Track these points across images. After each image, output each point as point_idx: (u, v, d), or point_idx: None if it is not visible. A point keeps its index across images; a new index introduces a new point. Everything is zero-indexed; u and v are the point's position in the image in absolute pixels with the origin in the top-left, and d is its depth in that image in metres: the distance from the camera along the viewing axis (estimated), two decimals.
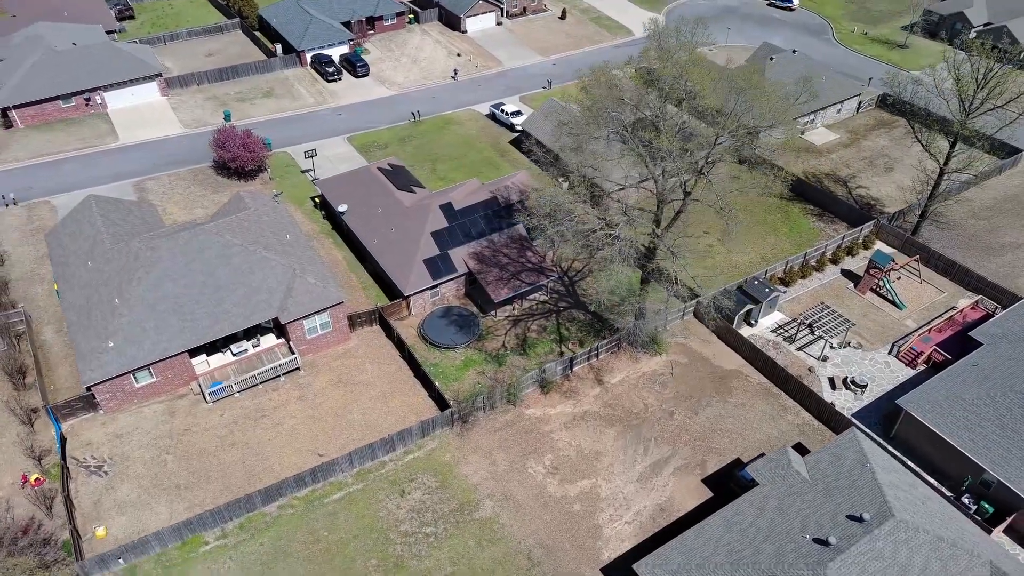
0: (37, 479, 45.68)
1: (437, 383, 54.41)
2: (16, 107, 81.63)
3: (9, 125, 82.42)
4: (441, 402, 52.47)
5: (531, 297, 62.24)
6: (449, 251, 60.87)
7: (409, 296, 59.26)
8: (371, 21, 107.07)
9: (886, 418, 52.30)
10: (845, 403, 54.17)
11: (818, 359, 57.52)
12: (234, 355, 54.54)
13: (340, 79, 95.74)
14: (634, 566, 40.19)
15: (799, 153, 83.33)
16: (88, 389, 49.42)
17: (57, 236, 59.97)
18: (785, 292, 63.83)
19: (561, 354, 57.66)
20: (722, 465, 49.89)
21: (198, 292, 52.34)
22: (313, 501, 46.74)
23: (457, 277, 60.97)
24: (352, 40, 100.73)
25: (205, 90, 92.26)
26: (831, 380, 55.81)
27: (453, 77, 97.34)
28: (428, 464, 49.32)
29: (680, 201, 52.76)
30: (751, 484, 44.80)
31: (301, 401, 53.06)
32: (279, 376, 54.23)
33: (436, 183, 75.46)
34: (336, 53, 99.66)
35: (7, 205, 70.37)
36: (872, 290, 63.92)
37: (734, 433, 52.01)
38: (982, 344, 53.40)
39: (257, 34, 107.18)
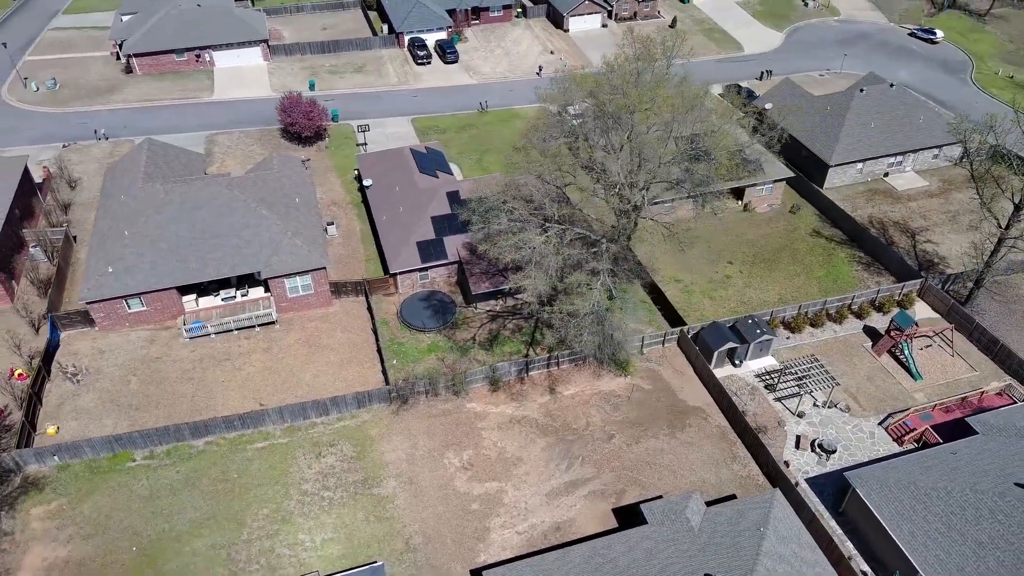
0: (20, 374, 52.20)
1: (395, 361, 56.12)
2: (137, 55, 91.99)
3: (129, 71, 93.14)
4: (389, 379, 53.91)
5: (517, 296, 61.97)
6: (445, 237, 61.93)
7: (395, 274, 61.09)
8: (477, 11, 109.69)
9: (840, 491, 47.41)
10: (804, 465, 49.68)
11: (794, 413, 53.05)
12: (222, 300, 58.94)
13: (429, 63, 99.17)
14: (484, 572, 39.70)
15: (872, 196, 76.32)
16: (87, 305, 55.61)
17: (113, 171, 67.41)
18: (788, 338, 59.26)
19: (526, 356, 57.14)
20: (641, 499, 47.45)
21: (196, 237, 57.05)
22: (238, 444, 49.86)
23: (447, 264, 61.95)
24: (450, 27, 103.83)
25: (305, 60, 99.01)
26: (798, 438, 51.31)
27: (538, 73, 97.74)
28: (354, 434, 50.96)
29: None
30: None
31: (265, 353, 56.49)
32: (254, 326, 57.99)
33: (476, 173, 76.57)
34: (433, 38, 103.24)
35: (98, 139, 79.81)
36: (890, 353, 57.79)
37: (668, 470, 49.31)
38: (977, 433, 47.03)
39: (372, 13, 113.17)
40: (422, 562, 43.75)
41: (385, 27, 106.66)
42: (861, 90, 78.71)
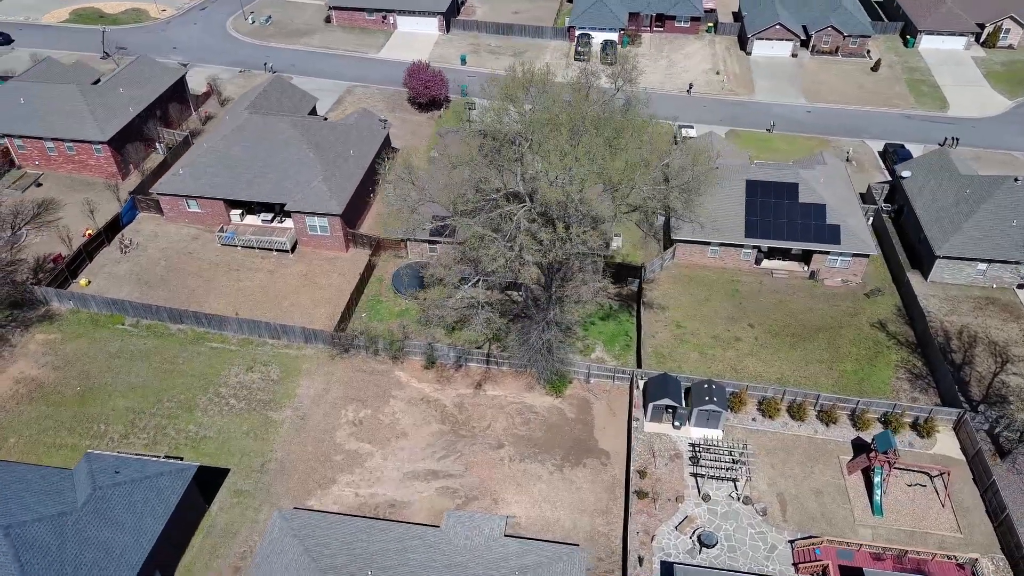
0: (89, 232, 64.91)
1: (364, 315, 60.23)
2: (336, 8, 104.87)
3: (328, 20, 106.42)
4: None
5: (509, 292, 62.30)
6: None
7: (405, 240, 64.74)
8: (662, 18, 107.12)
9: None
10: (672, 548, 44.95)
11: (699, 494, 47.83)
12: (261, 221, 67.23)
13: (587, 60, 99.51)
14: (283, 511, 42.44)
15: (984, 306, 63.27)
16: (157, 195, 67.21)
17: (241, 97, 79.03)
18: (754, 420, 52.83)
19: (479, 347, 57.74)
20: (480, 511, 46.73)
21: (251, 161, 65.63)
22: (201, 338, 57.55)
23: (453, 243, 63.96)
24: (622, 30, 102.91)
25: (475, 37, 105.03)
26: (684, 519, 46.32)
27: (687, 91, 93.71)
28: (289, 363, 56.07)
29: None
30: None
31: (269, 274, 63.67)
32: (271, 250, 65.44)
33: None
34: (602, 37, 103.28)
35: (266, 71, 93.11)
36: (864, 475, 49.12)
37: (529, 498, 47.52)
38: None
39: (569, 6, 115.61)
40: (263, 485, 47.76)
41: (568, 19, 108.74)
42: (1016, 179, 65.00)
